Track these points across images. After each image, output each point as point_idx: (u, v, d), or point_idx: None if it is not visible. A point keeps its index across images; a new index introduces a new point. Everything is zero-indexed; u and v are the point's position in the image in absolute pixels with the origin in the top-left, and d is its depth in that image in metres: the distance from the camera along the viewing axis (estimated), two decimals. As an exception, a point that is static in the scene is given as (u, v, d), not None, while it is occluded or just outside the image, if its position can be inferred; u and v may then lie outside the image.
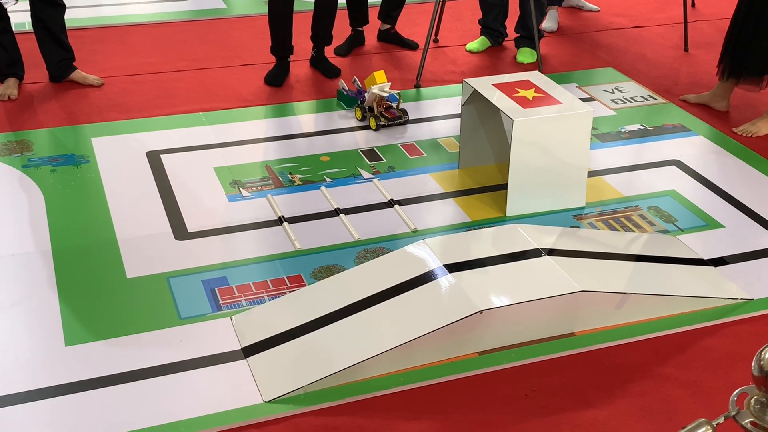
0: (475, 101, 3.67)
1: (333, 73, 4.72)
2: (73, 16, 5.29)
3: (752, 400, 1.45)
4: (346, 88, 4.37)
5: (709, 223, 3.46)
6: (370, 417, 2.50)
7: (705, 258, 3.22)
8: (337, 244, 3.28)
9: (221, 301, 2.95)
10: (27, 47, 4.54)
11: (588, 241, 3.21)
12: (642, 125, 4.26)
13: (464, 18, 5.57)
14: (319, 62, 4.78)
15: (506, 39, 5.23)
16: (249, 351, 2.71)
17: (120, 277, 3.07)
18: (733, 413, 1.41)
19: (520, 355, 2.74)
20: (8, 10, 4.09)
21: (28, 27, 5.02)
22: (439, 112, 4.37)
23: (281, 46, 4.62)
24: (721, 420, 1.39)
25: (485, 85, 3.62)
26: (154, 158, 3.85)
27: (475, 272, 2.84)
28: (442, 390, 2.61)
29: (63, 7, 4.42)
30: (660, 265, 3.11)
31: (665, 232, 3.39)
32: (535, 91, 3.58)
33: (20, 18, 5.26)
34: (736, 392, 1.47)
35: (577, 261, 2.97)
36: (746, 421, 1.41)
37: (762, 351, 1.40)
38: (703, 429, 1.38)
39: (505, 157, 3.62)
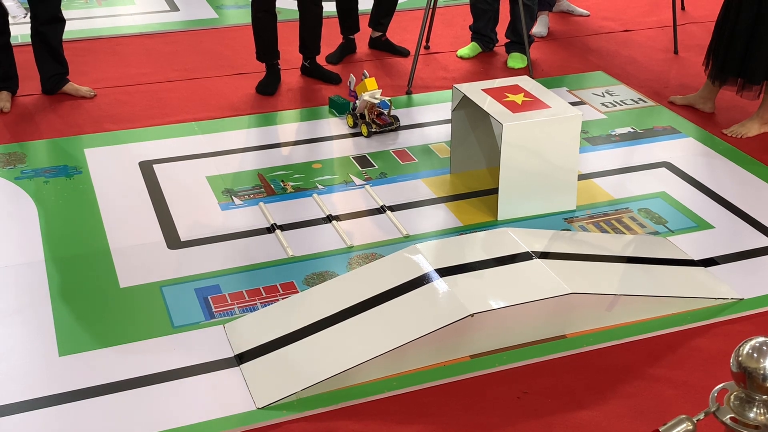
0: (465, 107, 3.69)
1: (333, 79, 4.73)
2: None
3: (732, 396, 1.47)
4: (353, 89, 4.35)
5: (699, 224, 3.48)
6: (363, 422, 2.51)
7: (695, 259, 3.24)
8: (330, 251, 3.29)
9: (214, 309, 2.96)
10: (20, 60, 4.55)
11: (579, 244, 3.22)
12: (632, 128, 4.28)
13: (455, 24, 5.60)
14: (315, 72, 4.80)
15: (497, 44, 5.25)
16: (242, 358, 2.73)
17: (113, 286, 3.08)
18: (713, 409, 1.43)
19: (511, 358, 2.75)
20: (13, 23, 4.06)
21: (21, 40, 5.04)
22: (430, 118, 4.39)
23: (266, 52, 4.64)
24: (701, 416, 1.41)
25: (475, 91, 3.64)
26: (147, 168, 3.87)
27: (466, 276, 2.85)
28: (435, 394, 2.62)
29: (63, 22, 4.45)
30: (650, 267, 3.13)
31: (656, 233, 3.41)
32: (524, 96, 3.60)
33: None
34: (716, 389, 1.49)
35: (568, 263, 2.98)
36: (726, 417, 1.43)
37: (740, 347, 1.42)
38: (684, 425, 1.39)
39: (495, 162, 3.64)
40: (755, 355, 1.48)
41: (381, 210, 3.56)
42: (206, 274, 3.14)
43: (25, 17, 3.93)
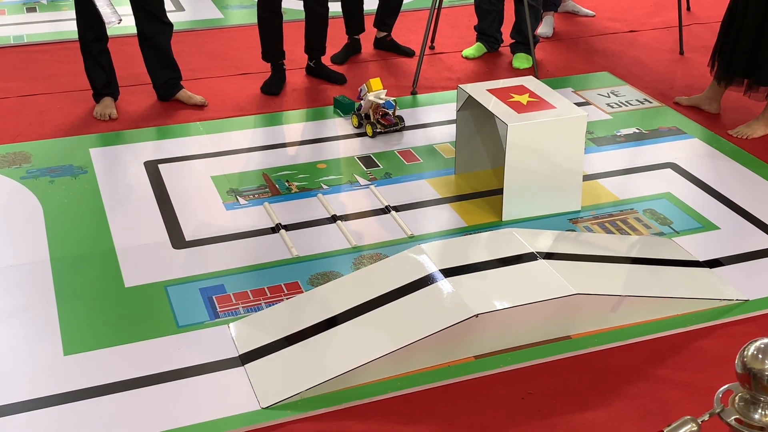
0: (470, 107, 3.69)
1: (339, 79, 4.74)
2: (67, 29, 5.32)
3: (737, 398, 1.46)
4: (362, 96, 4.33)
5: (704, 225, 3.47)
6: (367, 422, 2.51)
7: (700, 260, 3.24)
8: (334, 251, 3.29)
9: (219, 309, 2.96)
10: (20, 59, 4.55)
11: (583, 245, 3.22)
12: (637, 129, 4.27)
13: (460, 24, 5.60)
14: (320, 72, 4.81)
15: (502, 45, 5.25)
16: (246, 358, 2.73)
17: (118, 286, 3.08)
18: (718, 410, 1.43)
19: (516, 359, 2.75)
20: (111, 28, 4.04)
21: (27, 39, 5.05)
22: (435, 119, 4.39)
23: (271, 51, 4.65)
24: (706, 417, 1.41)
25: (480, 91, 3.64)
26: (152, 168, 3.87)
27: (471, 277, 2.85)
28: (439, 394, 2.62)
29: (169, 26, 4.39)
30: (655, 267, 3.12)
31: (661, 234, 3.41)
32: (529, 96, 3.60)
33: (18, 31, 5.28)
34: (721, 390, 1.48)
35: (573, 264, 2.98)
36: (731, 419, 1.42)
37: (745, 348, 1.42)
38: (689, 426, 1.39)
39: (500, 162, 3.64)
40: (760, 356, 1.48)
41: (386, 210, 3.56)
42: (211, 273, 3.15)
43: (119, 23, 3.91)
